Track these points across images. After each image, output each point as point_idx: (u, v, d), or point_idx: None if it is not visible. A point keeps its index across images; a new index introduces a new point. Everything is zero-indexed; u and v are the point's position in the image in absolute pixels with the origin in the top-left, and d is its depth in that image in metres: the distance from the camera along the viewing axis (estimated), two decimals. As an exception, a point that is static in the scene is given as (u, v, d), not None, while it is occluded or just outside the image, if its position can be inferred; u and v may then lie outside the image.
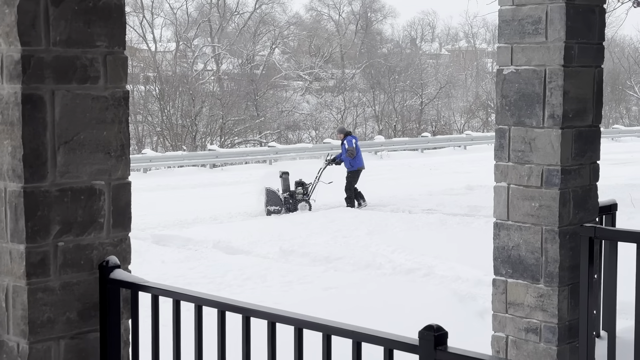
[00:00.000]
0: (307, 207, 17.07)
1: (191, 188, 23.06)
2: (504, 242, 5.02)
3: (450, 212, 15.64)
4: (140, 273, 4.51)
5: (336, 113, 47.27)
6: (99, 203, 3.48)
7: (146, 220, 15.80)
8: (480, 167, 24.16)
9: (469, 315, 7.95)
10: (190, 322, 3.37)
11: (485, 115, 49.76)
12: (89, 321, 3.47)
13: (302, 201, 17.15)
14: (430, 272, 10.21)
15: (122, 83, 3.52)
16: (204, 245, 12.64)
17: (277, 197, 16.85)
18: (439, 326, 2.59)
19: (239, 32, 52.68)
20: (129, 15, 49.36)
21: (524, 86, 4.89)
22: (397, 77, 49.76)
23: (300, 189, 17.35)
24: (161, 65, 46.49)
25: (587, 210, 4.93)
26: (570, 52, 4.76)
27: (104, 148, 3.48)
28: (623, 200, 14.50)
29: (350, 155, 17.55)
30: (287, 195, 17.09)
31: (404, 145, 35.48)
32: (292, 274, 10.13)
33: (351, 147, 17.64)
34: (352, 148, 17.64)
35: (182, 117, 39.56)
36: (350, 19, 61.22)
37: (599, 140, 5.03)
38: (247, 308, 3.10)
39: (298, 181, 17.45)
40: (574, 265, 4.82)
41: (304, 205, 17.09)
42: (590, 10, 4.86)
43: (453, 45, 70.52)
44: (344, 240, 12.77)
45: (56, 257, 3.37)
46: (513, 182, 4.97)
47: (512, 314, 4.99)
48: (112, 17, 3.47)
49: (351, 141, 17.89)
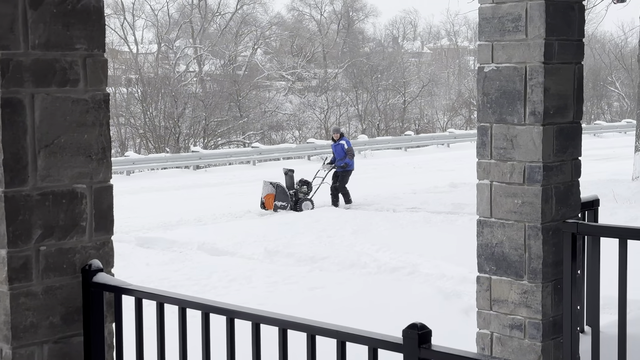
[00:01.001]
0: (311, 206, 17.20)
1: (175, 190, 23.00)
2: (487, 239, 5.03)
3: (434, 210, 15.69)
4: (124, 276, 4.50)
5: (319, 113, 47.29)
6: (80, 206, 3.46)
7: (130, 222, 15.75)
8: (464, 164, 24.23)
9: (454, 313, 7.98)
10: (175, 324, 3.36)
11: (468, 112, 49.93)
12: (73, 325, 3.45)
13: (306, 200, 17.28)
14: (415, 270, 10.24)
15: (102, 86, 3.50)
16: (189, 247, 12.61)
17: (285, 193, 16.96)
18: (423, 324, 2.60)
19: (221, 32, 52.57)
20: (110, 17, 49.15)
21: (505, 83, 4.91)
22: (379, 76, 49.82)
23: (304, 188, 17.52)
24: (143, 67, 46.32)
25: (570, 206, 4.95)
26: (550, 49, 4.78)
27: (85, 151, 3.46)
28: (605, 195, 14.60)
29: (351, 156, 17.81)
30: (292, 193, 17.26)
31: (387, 144, 35.55)
32: (277, 275, 10.13)
33: (350, 147, 17.94)
34: (351, 147, 17.98)
35: (165, 118, 39.45)
36: (332, 19, 61.24)
37: (580, 137, 5.05)
38: (231, 309, 3.10)
39: (303, 180, 17.64)
40: (557, 261, 4.84)
41: (308, 204, 17.23)
42: (569, 7, 4.88)
43: (435, 44, 70.69)
44: (329, 239, 12.77)
45: (38, 262, 3.35)
46: (495, 180, 4.98)
47: (497, 311, 5.00)
48: (91, 20, 3.45)
49: (349, 141, 18.25)
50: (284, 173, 17.78)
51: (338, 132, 18.43)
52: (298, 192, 17.36)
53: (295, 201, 17.16)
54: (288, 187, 17.30)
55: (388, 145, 35.31)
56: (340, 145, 17.89)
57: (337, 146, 17.97)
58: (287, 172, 17.68)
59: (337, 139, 18.10)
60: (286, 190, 17.04)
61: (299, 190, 17.39)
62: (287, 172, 17.66)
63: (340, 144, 17.90)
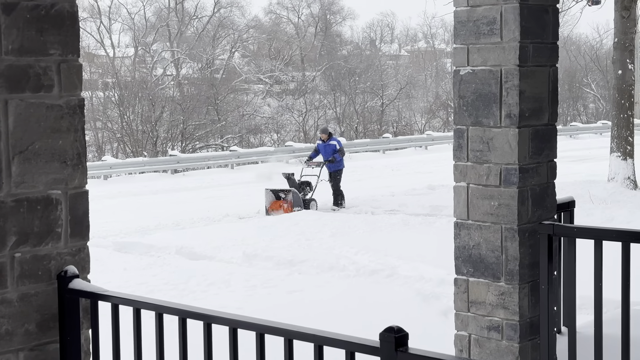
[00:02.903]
0: (316, 206, 17.52)
1: (153, 194, 22.91)
2: (464, 241, 5.05)
3: (412, 212, 15.73)
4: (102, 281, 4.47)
5: (297, 116, 47.28)
6: (55, 213, 3.44)
7: (108, 227, 15.67)
8: (442, 166, 24.32)
9: (433, 315, 8.00)
10: (152, 329, 3.34)
11: (445, 115, 50.11)
12: (48, 332, 3.43)
13: (312, 200, 17.62)
14: (394, 272, 10.26)
15: (77, 91, 3.48)
16: (167, 252, 12.56)
17: (299, 198, 17.25)
18: (400, 328, 2.60)
19: (198, 36, 52.45)
20: (86, 20, 48.91)
21: (481, 86, 4.94)
22: (357, 78, 49.89)
23: (307, 188, 17.84)
24: (120, 71, 46.10)
25: (546, 208, 4.99)
26: (525, 52, 4.81)
27: (59, 157, 3.44)
28: (582, 196, 14.72)
29: (342, 154, 17.94)
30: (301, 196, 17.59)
31: (365, 146, 35.61)
32: (255, 278, 10.11)
33: (342, 147, 18.10)
34: (343, 148, 18.15)
35: (142, 122, 39.26)
36: (309, 22, 61.29)
37: (556, 139, 5.09)
38: (208, 315, 3.09)
39: (305, 182, 17.93)
40: (534, 263, 4.87)
41: (314, 203, 17.56)
42: (543, 10, 4.92)
43: (412, 46, 70.95)
44: (308, 243, 12.77)
45: (13, 269, 3.32)
46: (472, 182, 5.01)
47: (474, 313, 5.03)
48: (65, 25, 3.43)
49: (340, 141, 18.37)
50: (285, 178, 17.98)
51: (326, 132, 18.43)
52: (303, 193, 17.72)
53: (303, 203, 17.46)
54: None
55: (366, 148, 35.37)
56: (331, 146, 17.88)
57: (328, 147, 17.92)
58: (289, 176, 17.91)
59: (327, 140, 18.08)
60: (299, 194, 17.34)
61: (303, 192, 17.75)
62: (289, 177, 17.90)
63: (331, 145, 17.89)
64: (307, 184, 17.99)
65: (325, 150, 18.01)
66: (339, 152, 17.86)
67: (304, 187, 17.93)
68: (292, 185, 17.76)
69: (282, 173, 18.56)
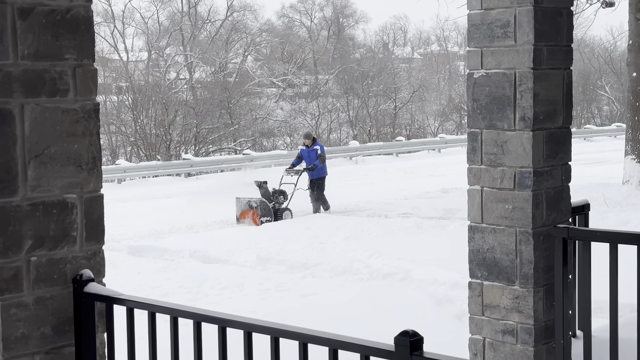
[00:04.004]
0: (290, 215, 17.06)
1: (166, 198, 22.96)
2: (478, 244, 5.04)
3: (426, 215, 15.70)
4: (116, 285, 4.49)
5: (310, 119, 47.32)
6: (71, 216, 3.45)
7: (122, 231, 15.73)
8: (455, 169, 24.27)
9: (447, 318, 7.98)
10: (167, 333, 3.35)
11: (459, 118, 50.03)
12: (64, 336, 3.44)
13: (286, 210, 17.14)
14: (408, 276, 10.24)
15: (92, 95, 3.50)
16: (181, 255, 12.59)
17: (268, 207, 16.76)
18: (415, 331, 2.60)
19: (211, 40, 52.58)
20: (100, 25, 49.14)
21: (495, 89, 4.93)
22: (370, 81, 49.89)
23: (281, 197, 17.28)
24: (133, 75, 46.29)
25: (560, 211, 4.97)
26: (539, 54, 4.80)
27: (75, 161, 3.46)
28: (596, 199, 14.66)
29: (322, 161, 17.50)
30: (271, 206, 17.01)
31: (378, 149, 35.58)
32: (269, 282, 10.12)
33: (323, 153, 17.66)
34: (324, 154, 17.69)
35: (156, 126, 39.40)
36: (322, 25, 61.36)
37: (570, 142, 5.07)
38: (222, 318, 3.09)
39: (278, 190, 17.37)
40: (549, 266, 4.85)
41: (288, 213, 17.08)
42: (558, 12, 4.91)
43: (425, 49, 70.86)
44: (321, 246, 12.77)
45: (29, 272, 3.34)
46: (486, 185, 4.99)
47: (489, 316, 5.01)
48: (81, 29, 3.45)
49: (323, 147, 17.96)
50: (257, 186, 17.46)
51: (310, 137, 18.10)
52: (275, 203, 17.16)
53: (275, 212, 16.94)
54: (265, 199, 17.05)
55: (379, 151, 35.35)
56: (314, 150, 17.59)
57: (312, 152, 17.62)
58: (261, 184, 17.39)
59: (310, 145, 17.77)
60: (268, 204, 16.83)
61: (276, 201, 17.19)
62: (261, 185, 17.37)
63: (314, 150, 17.60)
64: (281, 193, 17.36)
65: (309, 156, 17.64)
66: (319, 158, 17.43)
67: (277, 196, 17.32)
68: (264, 194, 17.24)
69: (255, 181, 17.93)
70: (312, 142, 17.86)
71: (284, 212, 17.08)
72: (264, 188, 17.30)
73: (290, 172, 18.02)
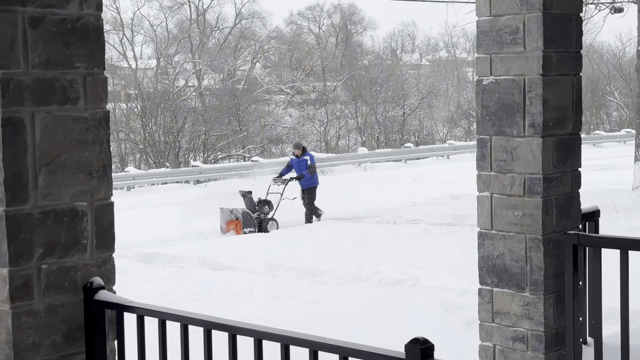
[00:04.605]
0: (276, 226, 16.63)
1: (175, 205, 22.97)
2: (488, 251, 5.03)
3: (435, 222, 15.67)
4: (125, 292, 4.50)
5: (319, 126, 47.34)
6: (81, 224, 3.47)
7: (131, 238, 15.75)
8: (464, 176, 24.24)
9: (457, 325, 7.96)
10: (177, 340, 3.35)
11: (467, 124, 49.98)
12: (75, 343, 3.45)
13: (271, 220, 16.71)
14: (417, 282, 10.21)
15: (102, 103, 3.51)
16: (190, 262, 12.60)
17: (251, 217, 16.40)
18: (425, 339, 2.60)
19: (220, 47, 52.70)
20: (109, 33, 49.31)
21: (504, 96, 4.92)
22: (378, 88, 49.90)
23: (266, 207, 16.84)
24: (142, 83, 46.40)
25: (570, 217, 4.95)
26: (548, 61, 4.79)
27: (85, 169, 3.47)
28: (606, 205, 14.59)
29: (311, 172, 17.10)
30: (255, 216, 16.61)
31: (387, 156, 35.57)
32: (278, 289, 10.11)
33: (313, 164, 17.28)
34: (314, 164, 17.29)
35: (165, 133, 39.50)
36: (330, 32, 61.43)
37: (580, 148, 5.06)
38: (232, 326, 3.09)
39: (263, 200, 16.94)
40: (559, 273, 4.84)
41: (273, 224, 16.63)
42: (567, 19, 4.90)
43: (433, 56, 70.85)
44: (330, 253, 12.75)
45: (40, 280, 3.35)
46: (496, 192, 4.98)
47: (499, 323, 5.00)
48: (91, 38, 3.46)
49: (313, 157, 17.57)
50: (241, 196, 17.04)
51: (300, 147, 17.70)
52: (260, 213, 16.76)
53: (259, 223, 16.53)
54: (249, 209, 16.65)
55: (388, 158, 35.33)
56: (304, 161, 17.21)
57: (301, 162, 17.24)
58: (245, 194, 16.97)
59: (300, 155, 17.39)
60: (251, 214, 16.45)
61: (260, 212, 16.78)
62: (245, 195, 16.95)
63: (305, 160, 17.23)
64: (267, 203, 16.87)
65: (299, 166, 17.27)
66: (308, 168, 17.04)
67: (262, 206, 16.83)
68: (249, 204, 16.75)
69: (239, 191, 17.32)
70: (302, 152, 17.46)
71: (269, 222, 16.62)
72: (248, 198, 16.87)
73: (277, 182, 17.58)
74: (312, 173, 17.17)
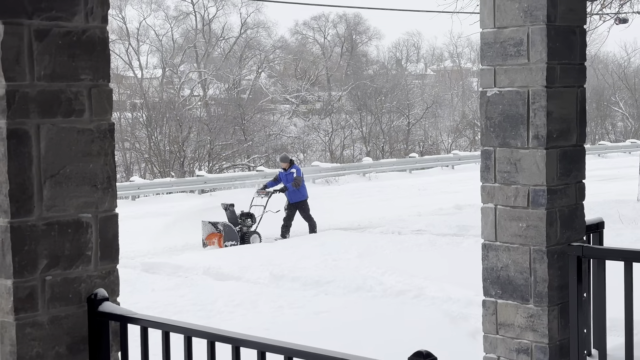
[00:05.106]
0: (258, 239, 16.38)
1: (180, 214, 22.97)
2: (492, 263, 5.03)
3: (439, 232, 15.66)
4: (130, 302, 4.51)
5: (324, 135, 47.37)
6: (86, 236, 3.48)
7: (135, 248, 15.76)
8: (469, 186, 24.23)
9: (461, 336, 7.95)
10: (181, 352, 3.36)
11: (472, 134, 49.97)
12: (79, 355, 3.46)
13: (254, 233, 16.45)
14: (421, 293, 10.21)
15: (107, 115, 3.53)
16: (194, 272, 12.61)
17: (233, 231, 16.16)
18: (428, 352, 2.60)
19: (225, 57, 52.83)
20: (115, 42, 49.49)
21: (508, 107, 4.93)
22: (383, 98, 49.94)
23: (249, 220, 16.60)
24: (148, 92, 46.52)
25: (574, 229, 4.95)
26: (552, 73, 4.80)
27: (90, 181, 3.48)
28: (611, 216, 14.58)
29: (296, 185, 16.76)
30: (238, 229, 16.37)
31: (392, 166, 35.55)
32: (282, 299, 10.11)
33: (300, 177, 16.91)
34: (300, 177, 16.92)
35: (170, 143, 39.56)
36: (335, 42, 61.52)
37: (584, 160, 5.06)
38: (236, 338, 3.10)
39: (246, 213, 16.69)
40: (563, 285, 4.83)
41: (256, 237, 16.39)
42: (571, 31, 4.91)
43: (438, 65, 70.92)
44: (334, 263, 12.75)
45: (44, 292, 3.36)
46: (500, 203, 4.98)
47: (503, 335, 4.99)
48: (96, 50, 3.48)
49: (300, 170, 17.27)
50: (223, 209, 16.77)
51: (287, 160, 17.48)
52: (242, 226, 16.51)
53: (241, 236, 16.31)
54: (232, 222, 16.42)
55: (392, 168, 35.32)
56: (291, 174, 16.92)
57: (289, 175, 16.95)
58: (227, 207, 16.71)
59: (288, 168, 17.11)
60: (233, 227, 16.21)
61: (243, 224, 16.54)
62: (228, 208, 16.69)
63: (290, 173, 16.94)
64: (249, 216, 16.58)
65: (286, 179, 16.97)
66: (294, 181, 16.72)
67: (244, 219, 16.54)
68: (231, 217, 16.45)
69: (221, 204, 17.00)
70: (289, 165, 17.23)
71: (251, 235, 16.36)
72: (230, 211, 16.64)
73: (261, 194, 17.23)
74: (297, 186, 16.79)
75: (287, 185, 16.82)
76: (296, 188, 16.79)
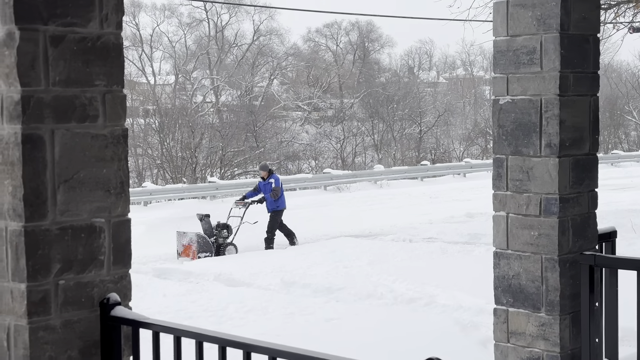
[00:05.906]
0: (234, 251, 16.10)
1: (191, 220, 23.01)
2: (504, 271, 5.02)
3: (450, 240, 15.63)
4: (142, 307, 4.53)
5: (335, 143, 47.40)
6: (99, 240, 3.49)
7: (147, 253, 15.79)
8: (481, 194, 24.18)
9: (472, 345, 7.92)
10: (192, 357, 3.37)
11: (484, 142, 49.88)
12: (91, 359, 3.47)
13: (229, 245, 16.15)
14: (432, 301, 10.19)
15: (121, 121, 3.55)
16: (205, 278, 12.62)
17: (207, 242, 15.89)
18: (439, 359, 2.60)
19: (238, 63, 52.98)
20: (128, 49, 49.71)
21: (521, 116, 4.93)
22: (395, 105, 49.94)
23: (224, 232, 16.32)
24: (160, 98, 46.70)
25: (587, 238, 4.94)
26: (565, 81, 4.80)
27: (103, 186, 3.50)
28: (623, 225, 14.51)
29: (274, 196, 16.53)
30: (213, 240, 16.10)
31: (403, 174, 35.51)
32: (293, 305, 10.11)
33: (278, 187, 16.68)
34: (278, 188, 16.69)
35: (182, 149, 39.66)
36: (347, 49, 61.58)
37: (597, 169, 5.05)
38: (247, 343, 3.11)
39: (222, 224, 16.40)
40: (575, 294, 4.82)
41: (232, 249, 16.10)
42: (584, 39, 4.91)
43: (451, 73, 70.83)
44: (345, 270, 12.75)
45: (57, 296, 3.37)
46: (512, 212, 4.98)
47: (514, 344, 4.98)
48: (111, 56, 3.50)
49: (279, 180, 17.02)
50: (199, 219, 16.48)
51: (266, 169, 17.16)
52: (218, 237, 16.22)
53: (217, 247, 16.02)
54: (207, 233, 16.14)
55: (404, 175, 35.28)
56: (269, 184, 16.68)
57: (268, 185, 16.70)
58: (203, 217, 16.40)
59: (267, 177, 16.84)
60: (207, 239, 15.93)
61: (219, 236, 16.24)
62: (203, 218, 16.39)
63: (269, 183, 16.70)
64: (226, 227, 16.25)
65: (265, 189, 16.72)
66: (272, 191, 16.37)
67: (220, 230, 16.19)
68: (206, 227, 16.12)
69: (197, 214, 16.69)
70: (268, 174, 16.92)
71: (227, 247, 16.03)
72: (205, 222, 16.34)
73: (239, 205, 16.95)
74: (275, 197, 16.55)
75: (265, 196, 16.60)
76: (274, 199, 16.54)
